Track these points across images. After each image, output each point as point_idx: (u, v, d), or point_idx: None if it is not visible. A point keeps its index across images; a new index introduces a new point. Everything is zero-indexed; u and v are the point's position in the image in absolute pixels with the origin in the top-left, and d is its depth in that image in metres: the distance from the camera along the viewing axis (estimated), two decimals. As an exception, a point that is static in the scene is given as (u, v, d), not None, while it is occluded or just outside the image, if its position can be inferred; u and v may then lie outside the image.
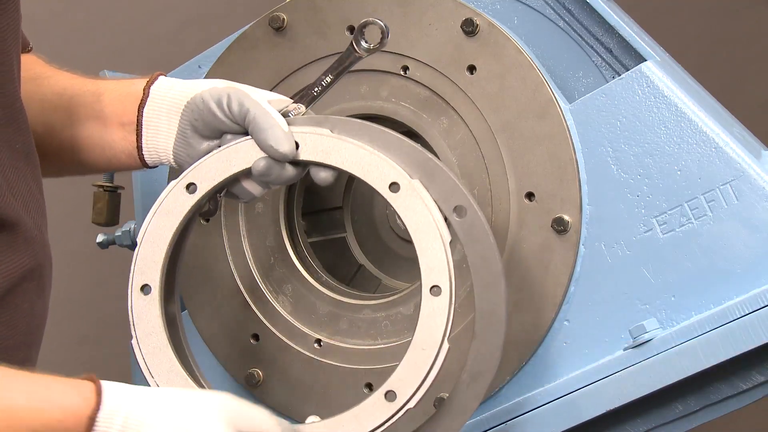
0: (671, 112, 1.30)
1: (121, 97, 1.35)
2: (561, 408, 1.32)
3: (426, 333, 1.20)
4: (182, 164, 1.32)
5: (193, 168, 1.27)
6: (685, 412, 1.31)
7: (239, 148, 1.26)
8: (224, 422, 1.08)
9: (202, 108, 1.29)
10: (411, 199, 1.24)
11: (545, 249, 1.35)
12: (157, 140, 1.33)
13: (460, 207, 1.23)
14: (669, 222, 1.30)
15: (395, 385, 1.19)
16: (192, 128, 1.30)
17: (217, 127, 1.28)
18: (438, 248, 1.22)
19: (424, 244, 1.22)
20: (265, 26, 1.48)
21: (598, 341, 1.32)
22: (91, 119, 1.36)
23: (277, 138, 1.24)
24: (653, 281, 1.30)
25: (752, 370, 1.28)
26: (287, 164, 1.25)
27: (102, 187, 1.57)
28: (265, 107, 1.26)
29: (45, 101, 1.33)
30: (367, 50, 1.29)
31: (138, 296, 1.23)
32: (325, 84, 1.31)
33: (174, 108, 1.32)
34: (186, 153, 1.31)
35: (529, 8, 1.41)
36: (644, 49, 1.34)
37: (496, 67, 1.37)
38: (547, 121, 1.35)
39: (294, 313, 1.48)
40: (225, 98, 1.28)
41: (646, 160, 1.31)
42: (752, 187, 1.26)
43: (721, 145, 1.28)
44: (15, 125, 1.18)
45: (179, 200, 1.26)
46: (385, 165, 1.25)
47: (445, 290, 1.21)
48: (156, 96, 1.33)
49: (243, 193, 1.30)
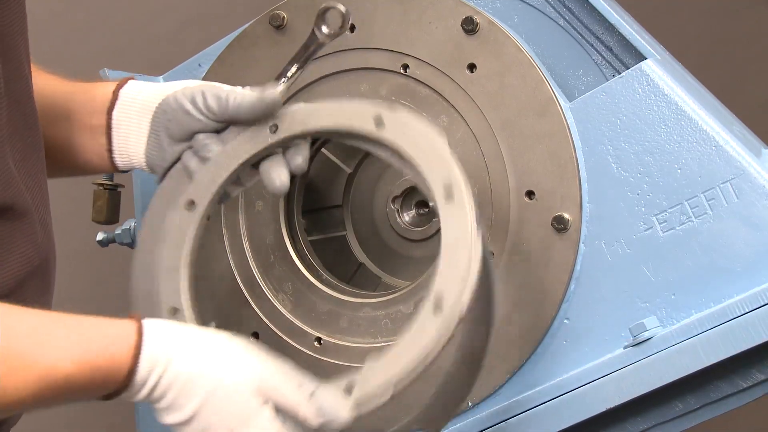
0: (671, 110, 1.30)
1: (91, 99, 1.35)
2: (561, 406, 1.32)
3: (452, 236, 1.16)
4: (154, 168, 1.32)
5: (194, 184, 1.28)
6: (685, 410, 1.31)
7: (228, 155, 1.26)
8: (254, 390, 1.12)
9: (175, 108, 1.29)
10: (400, 121, 1.22)
11: (545, 247, 1.34)
12: (128, 144, 1.33)
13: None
14: (669, 220, 1.29)
15: (439, 295, 1.15)
16: (165, 131, 1.30)
17: (190, 127, 1.28)
18: (440, 161, 1.19)
19: (424, 161, 1.20)
20: (265, 24, 1.49)
21: (598, 339, 1.32)
22: (61, 120, 1.35)
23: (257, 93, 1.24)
24: (653, 279, 1.30)
25: (752, 368, 1.28)
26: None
27: (102, 186, 1.57)
28: (242, 89, 1.27)
29: None
30: (329, 35, 1.28)
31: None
32: (290, 74, 1.30)
33: (144, 111, 1.32)
34: (159, 156, 1.31)
35: (530, 6, 1.41)
36: (644, 47, 1.34)
37: (497, 66, 1.37)
38: (547, 119, 1.35)
39: (294, 311, 1.48)
40: (200, 95, 1.28)
41: (646, 159, 1.31)
42: (752, 185, 1.26)
43: (722, 144, 1.28)
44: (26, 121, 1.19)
45: (184, 221, 1.27)
46: (364, 106, 1.24)
47: (459, 193, 1.18)
48: (125, 99, 1.33)
49: (249, 179, 1.32)
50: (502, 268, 1.36)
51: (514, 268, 1.36)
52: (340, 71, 1.45)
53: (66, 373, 1.05)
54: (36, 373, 1.04)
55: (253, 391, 1.12)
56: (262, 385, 1.13)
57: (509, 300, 1.36)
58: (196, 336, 1.14)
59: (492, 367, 1.36)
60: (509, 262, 1.36)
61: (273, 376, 1.14)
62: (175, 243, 1.26)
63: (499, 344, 1.36)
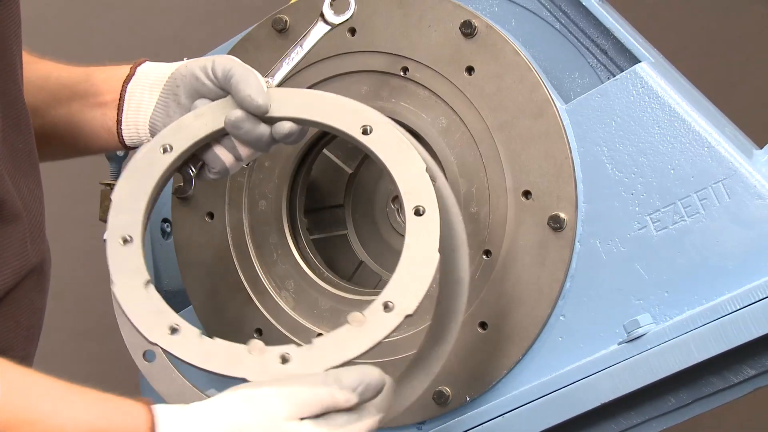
0: (665, 112, 1.30)
1: (109, 77, 1.36)
2: (556, 401, 1.32)
3: (415, 249, 1.19)
4: (155, 134, 1.32)
5: (165, 130, 1.26)
6: (677, 404, 1.31)
7: (213, 106, 1.27)
8: (282, 420, 1.07)
9: (185, 74, 1.30)
10: (386, 135, 1.24)
11: (541, 246, 1.35)
12: (138, 113, 1.33)
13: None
14: (662, 219, 1.30)
15: (390, 296, 1.17)
16: (173, 96, 1.31)
17: (197, 90, 1.29)
18: (416, 172, 1.22)
19: (401, 173, 1.22)
20: (268, 28, 1.49)
21: (593, 336, 1.32)
22: (75, 98, 1.36)
23: (255, 89, 1.25)
24: (647, 277, 1.30)
25: (743, 364, 1.27)
26: (260, 122, 1.26)
27: (109, 186, 1.57)
28: (247, 69, 1.27)
29: (29, 83, 1.31)
30: (336, 22, 1.31)
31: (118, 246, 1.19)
32: (298, 58, 1.32)
33: (157, 83, 1.33)
34: (162, 122, 1.31)
35: (526, 10, 1.41)
36: (638, 50, 1.34)
37: (494, 68, 1.38)
38: (543, 120, 1.35)
39: (296, 308, 1.48)
40: (210, 63, 1.29)
41: (640, 159, 1.31)
42: (744, 185, 1.26)
43: (714, 145, 1.28)
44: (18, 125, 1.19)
45: (154, 160, 1.24)
46: (358, 110, 1.25)
47: (430, 209, 1.20)
48: (141, 74, 1.35)
49: (214, 162, 1.29)
50: (499, 266, 1.37)
51: (511, 266, 1.37)
52: (341, 74, 1.45)
53: None
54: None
55: (281, 422, 1.07)
56: (286, 412, 1.07)
57: (507, 297, 1.37)
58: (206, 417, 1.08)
59: (489, 362, 1.37)
60: (506, 260, 1.37)
61: (290, 396, 1.09)
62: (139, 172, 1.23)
63: (497, 340, 1.37)
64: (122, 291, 1.17)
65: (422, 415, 1.40)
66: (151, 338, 1.16)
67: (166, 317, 1.16)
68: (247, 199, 1.50)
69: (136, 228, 1.20)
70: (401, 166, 1.23)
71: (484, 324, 1.37)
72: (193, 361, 1.15)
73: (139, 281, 1.17)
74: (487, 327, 1.37)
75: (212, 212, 1.51)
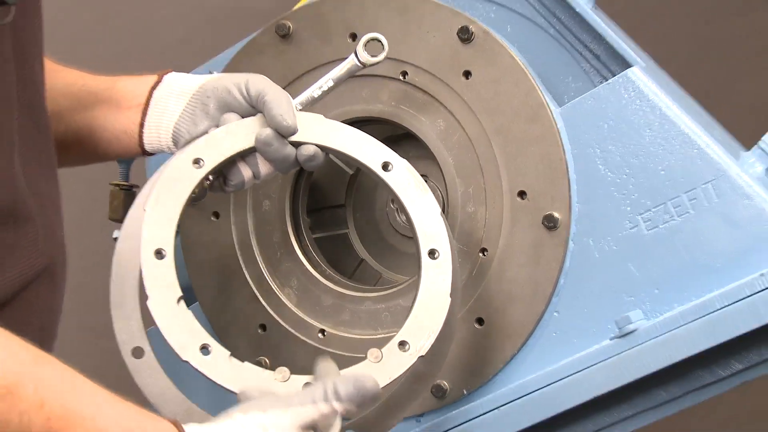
0: (656, 115, 1.30)
1: (135, 84, 1.37)
2: (551, 394, 1.32)
3: (429, 292, 1.24)
4: (178, 141, 1.33)
5: (198, 142, 1.27)
6: (667, 398, 1.31)
7: (244, 123, 1.28)
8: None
9: (217, 86, 1.31)
10: (405, 174, 1.27)
11: (536, 244, 1.35)
12: (162, 118, 1.33)
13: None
14: (653, 219, 1.30)
15: (406, 336, 1.22)
16: (202, 106, 1.31)
17: (228, 104, 1.30)
18: (433, 216, 1.26)
19: (418, 214, 1.26)
20: (271, 33, 1.49)
21: (586, 331, 1.32)
22: (99, 104, 1.36)
23: (286, 110, 1.26)
24: (638, 275, 1.30)
25: (731, 358, 1.28)
26: (287, 143, 1.27)
27: (118, 186, 1.58)
28: (280, 91, 1.29)
29: (54, 90, 1.32)
30: (368, 63, 1.32)
31: (152, 260, 1.21)
32: (326, 88, 1.33)
33: (185, 92, 1.33)
34: (186, 130, 1.31)
35: (522, 17, 1.41)
36: (630, 55, 1.34)
37: (491, 73, 1.38)
38: (538, 123, 1.35)
39: (299, 304, 1.48)
40: (244, 81, 1.30)
41: (631, 161, 1.31)
42: (732, 186, 1.26)
43: (703, 147, 1.28)
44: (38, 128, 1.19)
45: (186, 173, 1.26)
46: (378, 147, 1.28)
47: (443, 252, 1.25)
48: (168, 81, 1.35)
49: (235, 176, 1.30)
50: (495, 264, 1.37)
51: (506, 263, 1.37)
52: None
53: None
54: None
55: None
56: (288, 427, 1.10)
57: (503, 294, 1.37)
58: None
59: (486, 357, 1.37)
60: (502, 258, 1.37)
61: (297, 416, 1.11)
62: (173, 181, 1.25)
63: (493, 336, 1.37)
64: (156, 307, 1.19)
65: (421, 408, 1.40)
66: (184, 356, 1.19)
67: (198, 336, 1.19)
68: (252, 200, 1.50)
69: (169, 242, 1.22)
70: (418, 207, 1.26)
71: (481, 320, 1.37)
72: (224, 383, 1.19)
73: (172, 297, 1.20)
74: (483, 323, 1.37)
75: (218, 212, 1.51)
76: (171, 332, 1.19)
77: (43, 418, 1.00)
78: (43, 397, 1.00)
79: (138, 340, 1.22)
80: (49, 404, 1.00)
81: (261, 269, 1.50)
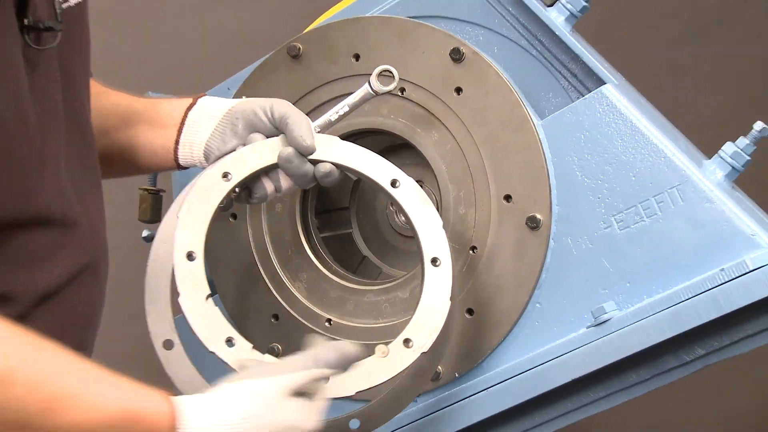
0: (627, 127, 1.31)
1: (173, 106, 1.38)
2: (533, 377, 1.33)
3: (432, 296, 1.25)
4: (209, 156, 1.33)
5: (227, 158, 1.28)
6: (638, 380, 1.32)
7: (268, 143, 1.30)
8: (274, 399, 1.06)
9: (245, 109, 1.32)
10: (409, 192, 1.29)
11: (520, 243, 1.35)
12: (195, 136, 1.34)
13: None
14: (625, 220, 1.30)
15: (410, 334, 1.23)
16: (231, 126, 1.32)
17: (254, 124, 1.31)
18: (435, 229, 1.27)
19: (423, 226, 1.27)
20: (284, 54, 1.49)
21: (565, 321, 1.33)
22: (142, 123, 1.37)
23: (305, 132, 1.27)
24: (612, 270, 1.31)
25: (694, 345, 1.28)
26: (306, 160, 1.28)
27: (146, 190, 1.58)
28: (301, 114, 1.30)
29: (102, 109, 1.33)
30: (381, 91, 1.33)
31: (184, 261, 1.21)
32: (342, 113, 1.34)
33: (217, 113, 1.35)
34: (216, 147, 1.33)
35: (507, 39, 1.42)
36: (604, 73, 1.34)
37: (480, 89, 1.38)
38: (522, 134, 1.36)
39: (308, 297, 1.48)
40: (269, 105, 1.31)
41: (605, 168, 1.32)
42: (695, 190, 1.27)
43: (669, 155, 1.28)
44: (84, 141, 1.20)
45: (216, 185, 1.26)
46: (387, 165, 1.30)
47: (444, 261, 1.26)
48: (202, 104, 1.37)
49: (259, 189, 1.31)
50: (484, 260, 1.37)
51: (494, 260, 1.37)
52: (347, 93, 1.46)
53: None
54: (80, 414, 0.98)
55: (279, 403, 1.07)
56: (282, 395, 1.08)
57: (491, 287, 1.37)
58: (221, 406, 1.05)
59: (475, 343, 1.38)
60: (490, 255, 1.37)
61: (285, 382, 1.08)
62: (204, 193, 1.24)
63: (482, 324, 1.38)
64: (187, 303, 1.20)
65: (418, 390, 1.40)
66: (210, 348, 1.19)
67: (223, 330, 1.20)
68: (266, 203, 1.50)
69: (200, 245, 1.23)
70: (423, 219, 1.28)
71: (471, 310, 1.38)
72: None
73: (201, 295, 1.21)
74: (473, 313, 1.38)
75: (235, 214, 1.52)
76: (199, 326, 1.20)
77: (38, 400, 0.97)
78: (37, 381, 0.97)
79: (169, 333, 1.23)
80: (45, 387, 0.98)
81: (274, 265, 1.50)
